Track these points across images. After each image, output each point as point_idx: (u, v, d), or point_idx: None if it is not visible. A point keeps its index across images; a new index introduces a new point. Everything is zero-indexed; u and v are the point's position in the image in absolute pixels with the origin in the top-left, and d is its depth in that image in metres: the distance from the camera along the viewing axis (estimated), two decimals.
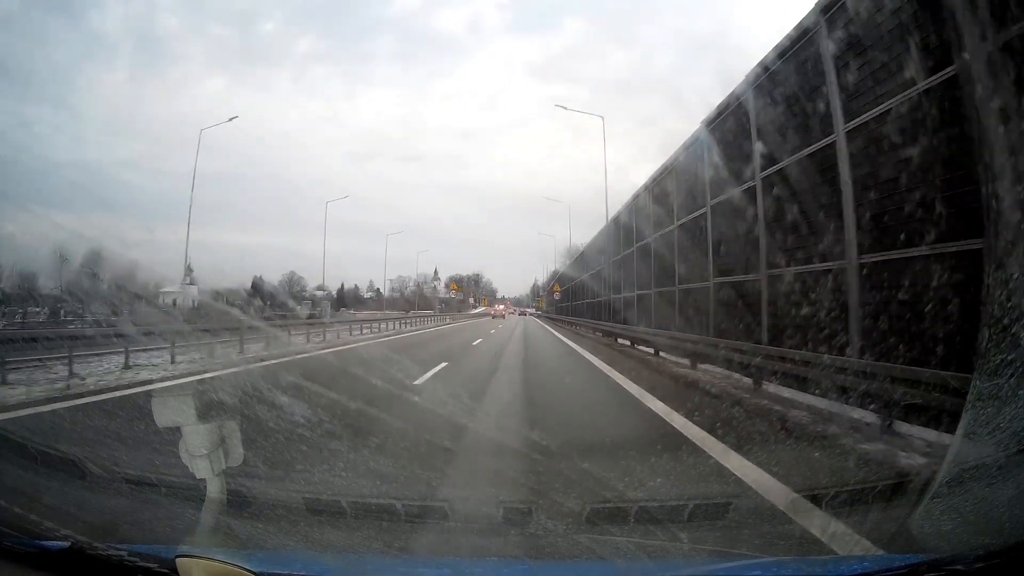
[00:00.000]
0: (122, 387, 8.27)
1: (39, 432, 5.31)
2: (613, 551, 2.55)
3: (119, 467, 3.39)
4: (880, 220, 5.72)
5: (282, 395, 5.35)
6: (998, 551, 1.57)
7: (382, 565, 2.30)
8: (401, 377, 8.41)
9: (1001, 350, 2.48)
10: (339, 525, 2.90)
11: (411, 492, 3.54)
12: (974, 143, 4.03)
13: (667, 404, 6.93)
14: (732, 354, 8.71)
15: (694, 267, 11.56)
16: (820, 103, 6.75)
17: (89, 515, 2.81)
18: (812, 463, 4.43)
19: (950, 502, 2.26)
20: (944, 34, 4.72)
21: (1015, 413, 2.26)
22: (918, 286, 5.10)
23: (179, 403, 2.18)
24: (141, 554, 1.63)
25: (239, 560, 1.50)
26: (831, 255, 6.54)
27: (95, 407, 6.68)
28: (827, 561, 2.31)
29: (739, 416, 6.24)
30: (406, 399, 6.67)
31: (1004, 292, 2.67)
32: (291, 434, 4.31)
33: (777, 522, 3.07)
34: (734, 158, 9.44)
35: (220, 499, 2.20)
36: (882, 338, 5.47)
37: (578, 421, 6.45)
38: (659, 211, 14.55)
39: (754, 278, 8.59)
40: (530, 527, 2.85)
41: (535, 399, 7.79)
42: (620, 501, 3.26)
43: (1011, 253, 2.92)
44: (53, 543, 1.70)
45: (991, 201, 3.46)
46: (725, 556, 2.46)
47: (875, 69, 5.77)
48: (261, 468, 3.45)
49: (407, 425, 5.01)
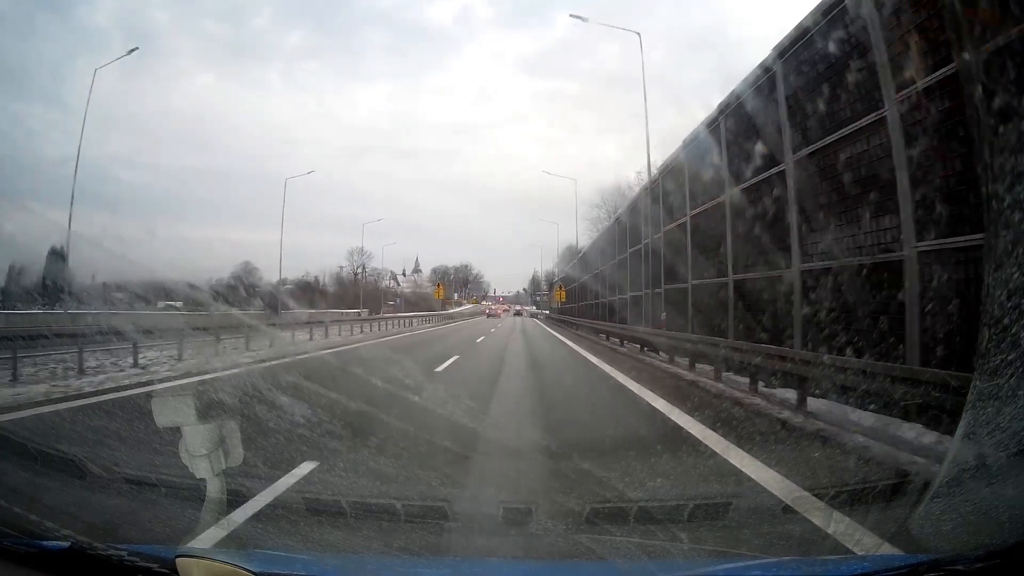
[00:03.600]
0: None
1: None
2: (613, 551, 2.55)
3: (119, 467, 3.39)
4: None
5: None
6: (998, 551, 1.56)
7: (382, 565, 2.30)
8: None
9: (1001, 350, 2.48)
10: (339, 525, 2.91)
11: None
12: (974, 142, 4.02)
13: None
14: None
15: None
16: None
17: (89, 515, 2.81)
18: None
19: (950, 502, 2.25)
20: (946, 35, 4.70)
21: (1015, 413, 2.26)
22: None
23: (179, 403, 2.17)
24: (141, 554, 1.63)
25: (239, 560, 1.50)
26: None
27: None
28: (827, 561, 2.30)
29: None
30: None
31: (1004, 292, 2.67)
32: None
33: (777, 522, 3.07)
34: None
35: (220, 499, 2.20)
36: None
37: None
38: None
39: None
40: (530, 527, 2.85)
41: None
42: (620, 501, 3.26)
43: (1011, 253, 2.92)
44: (53, 543, 1.70)
45: (991, 201, 3.45)
46: (725, 556, 2.46)
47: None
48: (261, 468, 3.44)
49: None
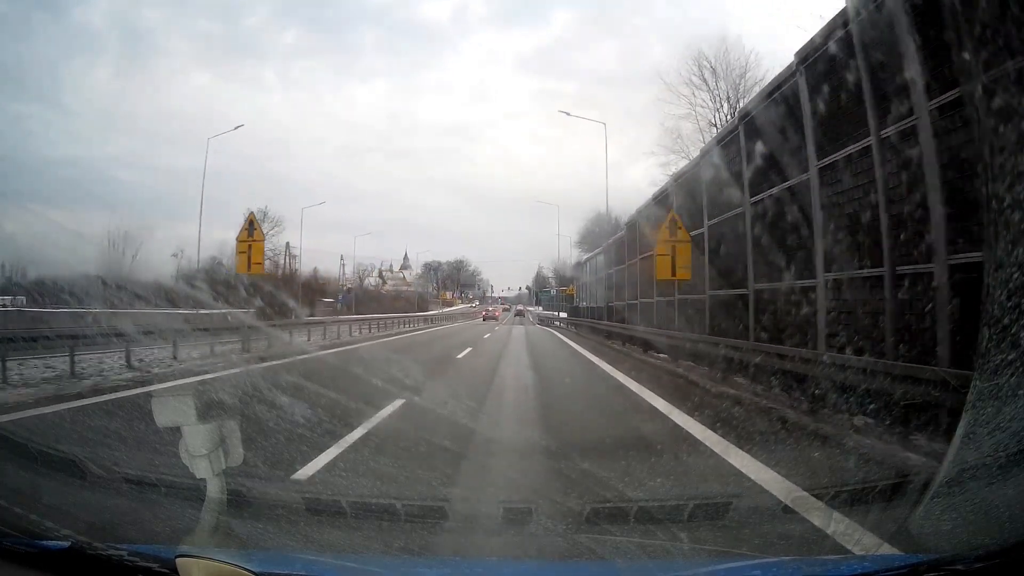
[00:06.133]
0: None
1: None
2: (613, 550, 2.55)
3: (119, 467, 3.38)
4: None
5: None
6: (998, 551, 1.56)
7: (382, 565, 2.30)
8: None
9: (1001, 350, 2.48)
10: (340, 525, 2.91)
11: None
12: (974, 142, 4.01)
13: None
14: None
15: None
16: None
17: (89, 515, 2.81)
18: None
19: (950, 502, 2.25)
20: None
21: (1015, 413, 2.26)
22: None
23: (179, 403, 2.17)
24: (141, 554, 1.63)
25: (239, 560, 1.50)
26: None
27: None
28: (827, 561, 2.30)
29: None
30: None
31: (1004, 292, 2.66)
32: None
33: (777, 522, 3.07)
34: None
35: (220, 499, 2.19)
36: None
37: None
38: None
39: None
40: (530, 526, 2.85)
41: None
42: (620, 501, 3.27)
43: (1011, 253, 2.91)
44: (53, 543, 1.70)
45: (991, 201, 3.45)
46: (725, 556, 2.46)
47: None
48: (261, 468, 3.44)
49: None
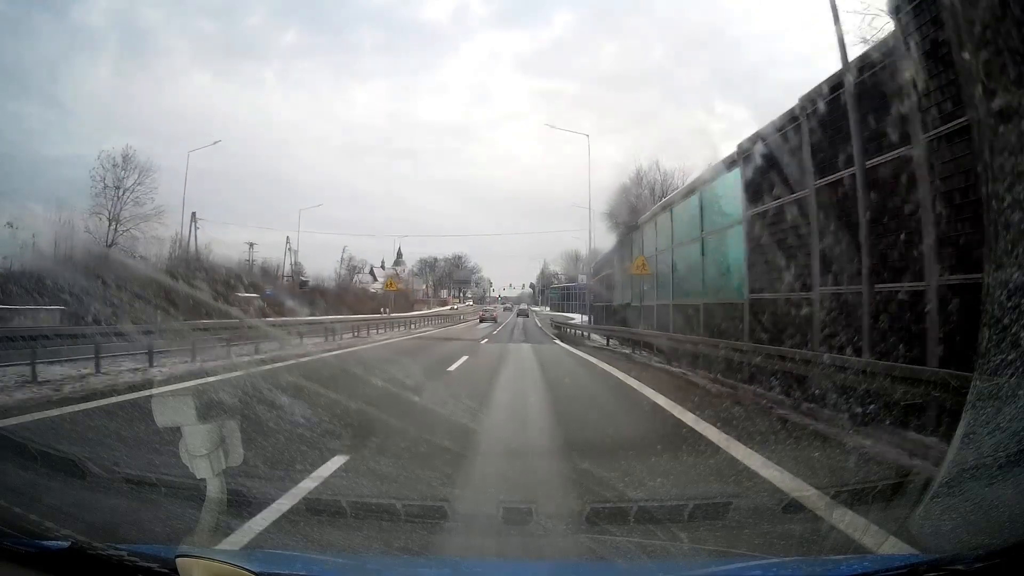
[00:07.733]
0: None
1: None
2: (613, 549, 2.55)
3: (119, 467, 3.38)
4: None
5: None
6: (998, 551, 1.56)
7: (382, 564, 2.30)
8: None
9: (1001, 350, 2.48)
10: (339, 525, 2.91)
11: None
12: (974, 143, 4.01)
13: None
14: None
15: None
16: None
17: (89, 515, 2.81)
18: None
19: (950, 502, 2.25)
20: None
21: (1015, 413, 2.26)
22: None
23: (179, 403, 2.17)
24: (141, 554, 1.63)
25: (239, 560, 1.50)
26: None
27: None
28: (827, 561, 2.30)
29: None
30: None
31: (1004, 292, 2.67)
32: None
33: (777, 522, 3.07)
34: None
35: (220, 499, 2.19)
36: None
37: None
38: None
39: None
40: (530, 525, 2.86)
41: None
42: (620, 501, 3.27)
43: (1011, 253, 2.91)
44: (53, 543, 1.69)
45: (991, 201, 3.45)
46: (725, 556, 2.46)
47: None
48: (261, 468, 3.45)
49: None
